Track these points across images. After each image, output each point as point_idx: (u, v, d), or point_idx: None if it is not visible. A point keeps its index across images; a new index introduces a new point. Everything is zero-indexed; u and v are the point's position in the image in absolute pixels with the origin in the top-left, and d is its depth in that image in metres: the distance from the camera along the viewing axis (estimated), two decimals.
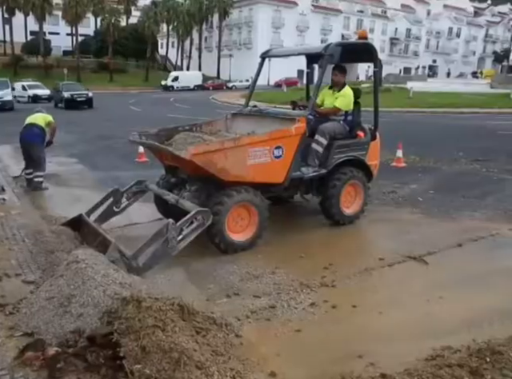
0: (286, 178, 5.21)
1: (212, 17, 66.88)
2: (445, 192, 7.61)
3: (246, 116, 6.18)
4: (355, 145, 5.81)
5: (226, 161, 4.70)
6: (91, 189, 7.83)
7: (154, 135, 5.55)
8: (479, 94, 31.11)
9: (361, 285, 4.31)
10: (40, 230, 5.06)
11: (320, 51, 5.41)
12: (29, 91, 31.83)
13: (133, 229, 5.89)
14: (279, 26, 66.75)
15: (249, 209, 4.99)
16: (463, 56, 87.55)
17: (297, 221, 6.27)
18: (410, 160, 10.24)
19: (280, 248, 5.16)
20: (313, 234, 5.59)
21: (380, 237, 5.89)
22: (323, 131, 5.47)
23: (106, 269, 3.71)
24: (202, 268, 4.63)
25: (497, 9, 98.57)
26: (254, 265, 4.63)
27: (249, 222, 5.05)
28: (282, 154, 5.05)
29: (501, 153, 11.21)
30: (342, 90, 5.75)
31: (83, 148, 12.16)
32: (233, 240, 4.92)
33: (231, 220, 4.90)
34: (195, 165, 4.60)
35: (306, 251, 5.03)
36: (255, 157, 4.86)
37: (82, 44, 61.80)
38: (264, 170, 4.96)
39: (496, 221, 6.14)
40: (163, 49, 72.51)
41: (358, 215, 6.00)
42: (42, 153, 7.65)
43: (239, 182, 4.89)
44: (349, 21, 74.25)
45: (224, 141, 4.85)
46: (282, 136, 5.04)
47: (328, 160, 5.55)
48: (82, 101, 27.48)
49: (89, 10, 59.57)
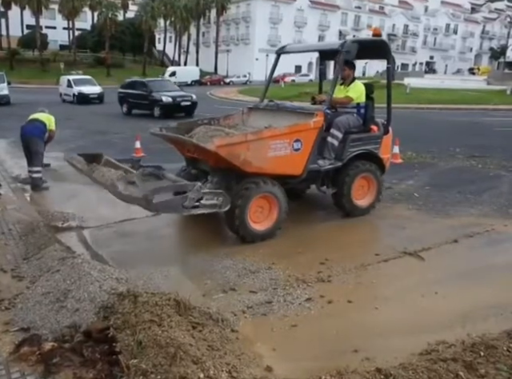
0: (304, 170, 5.37)
1: (210, 12, 66.66)
2: (441, 188, 7.63)
3: (262, 110, 6.35)
4: (369, 138, 5.96)
5: (249, 153, 4.84)
6: (88, 184, 7.80)
7: (174, 128, 5.74)
8: (476, 91, 31.18)
9: (357, 280, 4.33)
10: (36, 226, 5.05)
11: (337, 48, 5.55)
12: (75, 88, 26.30)
13: (130, 223, 5.89)
14: (277, 22, 66.57)
15: (270, 199, 5.16)
16: (460, 52, 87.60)
17: (293, 216, 6.26)
18: (407, 156, 10.26)
19: (277, 243, 5.18)
20: (309, 230, 5.60)
21: (376, 232, 5.93)
22: (338, 125, 5.60)
23: (102, 264, 3.72)
24: (199, 263, 4.64)
25: (493, 6, 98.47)
26: (251, 261, 4.64)
27: (269, 213, 5.21)
28: (300, 147, 5.20)
29: (497, 149, 11.25)
30: (353, 84, 5.93)
31: (81, 143, 12.11)
32: (254, 229, 5.08)
33: (253, 210, 5.05)
34: (219, 156, 4.72)
35: (303, 246, 5.05)
36: (276, 149, 5.02)
37: (79, 38, 61.57)
38: (284, 162, 5.11)
39: (491, 216, 6.17)
40: (160, 44, 72.28)
41: (370, 207, 6.17)
42: (40, 147, 7.53)
43: (260, 174, 5.04)
44: (346, 18, 74.11)
45: (247, 134, 4.99)
46: (301, 129, 5.21)
47: (343, 153, 5.71)
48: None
49: (86, 4, 59.35)
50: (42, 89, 39.62)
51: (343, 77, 6.03)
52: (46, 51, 59.34)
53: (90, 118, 18.83)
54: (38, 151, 7.48)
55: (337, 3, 73.17)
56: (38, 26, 57.17)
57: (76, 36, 59.83)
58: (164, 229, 5.85)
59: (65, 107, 23.16)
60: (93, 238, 5.35)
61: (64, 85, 27.46)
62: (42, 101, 19.70)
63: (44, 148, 7.75)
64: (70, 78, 27.64)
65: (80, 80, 27.92)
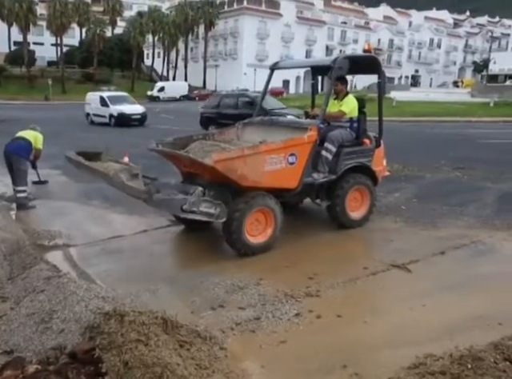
0: (299, 184, 5.45)
1: (198, 28, 67.23)
2: (427, 200, 7.71)
3: (256, 125, 6.43)
4: (362, 152, 6.08)
5: (245, 168, 4.92)
6: (74, 201, 7.77)
7: (170, 144, 5.80)
8: (460, 103, 31.73)
9: (345, 294, 4.33)
10: (21, 245, 4.98)
11: (329, 64, 5.69)
12: (112, 108, 21.73)
13: (117, 241, 5.85)
14: (264, 37, 67.26)
15: (266, 213, 5.21)
16: (444, 66, 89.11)
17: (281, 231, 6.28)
18: (394, 168, 10.33)
19: (265, 258, 5.18)
20: (297, 244, 5.61)
21: (364, 245, 5.95)
22: (332, 139, 5.71)
23: (88, 282, 3.68)
24: (187, 280, 4.61)
25: (475, 21, 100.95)
26: (239, 277, 4.62)
27: (265, 226, 5.28)
28: (295, 161, 5.31)
29: (481, 161, 11.42)
30: (346, 98, 6.05)
31: None
32: (250, 242, 5.12)
33: (249, 223, 5.09)
34: (216, 171, 4.78)
35: (291, 261, 5.05)
36: (272, 163, 5.12)
37: (67, 54, 61.53)
38: (279, 176, 5.20)
39: (477, 228, 6.24)
40: (149, 59, 72.52)
41: (364, 219, 6.25)
42: (23, 165, 7.35)
43: (256, 188, 5.10)
44: (333, 33, 75.13)
45: (244, 149, 5.07)
46: (295, 144, 5.31)
47: (337, 166, 5.80)
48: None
49: (74, 21, 59.42)
50: (30, 105, 39.47)
51: (336, 92, 6.14)
52: (33, 67, 59.18)
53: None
54: (21, 170, 7.31)
55: (323, 19, 74.25)
56: (26, 43, 57.13)
57: (64, 52, 59.78)
58: (152, 246, 5.81)
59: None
60: (80, 256, 5.30)
61: (94, 103, 22.96)
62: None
63: (33, 165, 7.66)
64: (104, 95, 23.21)
65: (116, 97, 23.50)
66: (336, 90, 6.11)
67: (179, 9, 65.84)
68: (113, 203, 7.52)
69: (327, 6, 79.14)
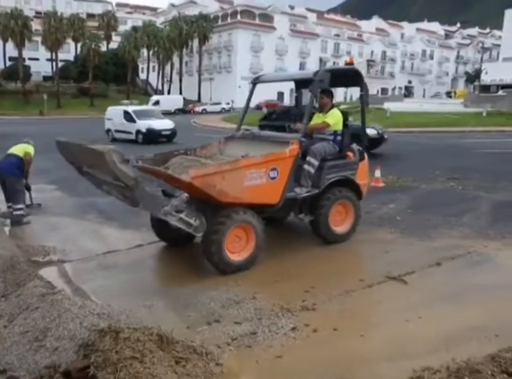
0: (281, 199, 5.35)
1: (192, 42, 67.73)
2: (423, 211, 7.73)
3: (239, 140, 6.37)
4: (345, 165, 6.02)
5: (224, 183, 4.83)
6: (69, 216, 7.75)
7: (150, 159, 5.70)
8: (453, 113, 31.96)
9: (341, 307, 4.32)
10: (16, 261, 4.95)
11: (310, 77, 5.64)
12: (140, 123, 19.85)
13: (113, 256, 5.82)
14: (258, 50, 67.82)
15: (246, 229, 5.12)
16: (437, 76, 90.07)
17: (276, 244, 6.27)
18: (388, 179, 10.39)
19: (261, 272, 5.16)
20: (293, 257, 5.59)
21: (360, 257, 5.95)
22: (314, 152, 5.66)
23: (83, 299, 3.66)
24: (183, 295, 4.58)
25: (466, 32, 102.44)
26: (235, 291, 4.61)
27: (246, 243, 5.17)
28: (276, 176, 5.22)
29: (475, 170, 11.48)
30: (330, 111, 6.01)
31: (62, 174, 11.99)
32: (231, 260, 5.02)
33: (229, 240, 5.00)
34: (194, 187, 4.71)
35: (287, 274, 5.04)
36: (252, 178, 5.02)
37: (62, 69, 61.73)
38: (260, 191, 5.11)
39: (472, 238, 6.25)
40: (144, 73, 72.84)
41: (349, 234, 6.16)
42: (17, 184, 7.31)
43: (236, 203, 5.01)
44: (326, 45, 75.89)
45: (222, 164, 4.99)
46: (277, 158, 5.23)
47: (320, 180, 5.74)
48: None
49: (69, 36, 59.80)
50: (26, 120, 39.46)
51: (321, 106, 6.13)
52: (28, 82, 59.32)
53: None
54: (16, 189, 7.26)
55: (316, 31, 75.04)
56: (21, 58, 57.34)
57: (59, 67, 59.98)
58: (147, 260, 5.80)
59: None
60: (75, 272, 5.27)
61: (117, 118, 20.83)
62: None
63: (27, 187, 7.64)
64: (130, 110, 20.97)
65: (143, 111, 21.60)
66: (321, 103, 6.09)
67: (173, 24, 66.42)
68: (107, 217, 7.51)
69: (320, 19, 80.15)
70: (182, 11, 73.40)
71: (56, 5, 79.28)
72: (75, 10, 73.76)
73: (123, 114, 20.72)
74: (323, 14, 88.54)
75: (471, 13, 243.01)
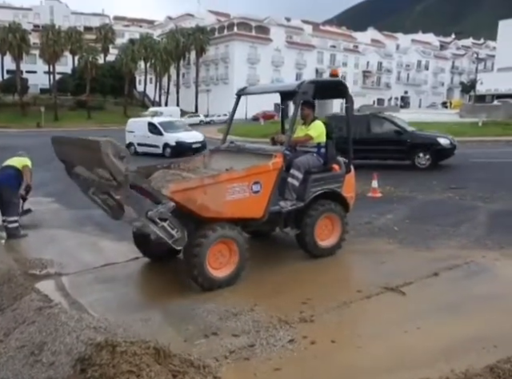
0: (265, 213, 5.24)
1: (189, 54, 68.27)
2: (420, 221, 7.74)
3: (223, 152, 6.27)
4: (331, 178, 5.93)
5: (206, 198, 4.73)
6: (66, 228, 7.73)
7: (133, 173, 5.54)
8: (449, 123, 32.12)
9: (339, 319, 4.30)
10: (12, 274, 4.93)
11: (294, 89, 5.57)
12: (168, 136, 18.72)
13: (110, 268, 5.81)
14: (255, 62, 68.33)
15: (228, 244, 5.00)
16: (433, 87, 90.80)
17: (272, 255, 6.26)
18: (386, 190, 10.42)
19: (258, 283, 5.15)
20: (290, 268, 5.58)
21: (357, 268, 5.93)
22: (298, 165, 5.58)
23: (80, 312, 3.64)
24: (180, 308, 4.56)
25: (461, 43, 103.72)
26: (233, 303, 4.59)
27: (229, 258, 5.05)
28: (260, 189, 5.11)
29: (472, 180, 11.51)
30: (313, 123, 5.96)
31: (60, 186, 12.00)
32: (214, 276, 4.90)
33: (211, 256, 4.89)
34: (175, 202, 4.60)
35: (284, 286, 5.03)
36: (234, 192, 4.92)
37: (60, 82, 62.03)
38: (243, 205, 5.00)
39: (470, 248, 6.25)
40: (141, 85, 73.23)
41: (336, 247, 6.03)
42: (14, 197, 7.25)
43: (219, 218, 4.91)
44: (322, 56, 76.52)
45: (203, 178, 4.89)
46: (259, 171, 5.12)
47: (305, 193, 5.63)
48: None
49: (66, 49, 60.21)
50: (23, 132, 39.53)
51: (303, 117, 6.09)
52: (26, 95, 59.53)
53: None
54: (12, 201, 7.20)
55: (312, 43, 75.73)
56: (19, 71, 57.61)
57: (57, 80, 60.27)
58: (145, 273, 5.79)
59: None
60: (72, 285, 5.25)
61: (141, 131, 19.60)
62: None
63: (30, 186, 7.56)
64: (156, 122, 19.77)
65: (170, 124, 20.26)
66: (303, 115, 6.06)
67: (170, 36, 66.98)
68: (105, 230, 7.49)
69: (316, 31, 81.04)
70: (179, 24, 74.18)
71: (54, 18, 79.99)
72: (73, 24, 74.35)
73: (147, 127, 19.57)
74: (319, 26, 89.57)
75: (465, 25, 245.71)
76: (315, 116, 6.11)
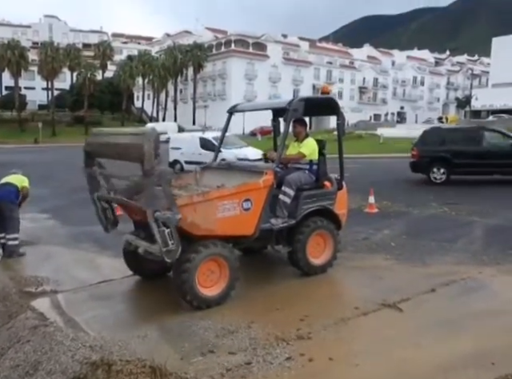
0: (256, 230, 5.19)
1: (187, 70, 68.81)
2: (417, 236, 7.75)
3: (215, 169, 6.26)
4: (323, 195, 5.90)
5: (196, 216, 4.68)
6: (63, 245, 7.71)
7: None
8: None
9: (337, 335, 4.28)
10: (7, 292, 4.90)
11: (284, 106, 5.57)
12: (226, 152, 14.66)
13: (106, 285, 5.77)
14: (252, 78, 68.94)
15: (218, 262, 4.93)
16: (428, 102, 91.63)
17: (269, 271, 6.26)
18: (382, 205, 10.45)
19: (255, 300, 5.12)
20: (287, 285, 5.57)
21: (354, 284, 5.90)
22: (289, 182, 5.56)
23: (75, 331, 3.62)
24: (177, 325, 4.53)
25: (455, 59, 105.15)
26: (229, 320, 4.56)
27: (220, 275, 4.98)
28: (250, 207, 5.06)
29: (468, 195, 11.58)
30: (305, 140, 5.98)
31: (56, 202, 12.00)
32: (205, 295, 4.83)
33: (201, 275, 4.81)
34: None
35: (281, 302, 4.99)
36: (224, 210, 4.87)
37: (58, 98, 62.41)
38: (234, 223, 4.96)
39: (466, 264, 6.26)
40: (139, 101, 73.70)
41: (328, 265, 5.98)
42: (14, 212, 7.13)
43: (209, 236, 4.86)
44: (319, 72, 77.27)
45: (193, 196, 4.82)
46: (250, 189, 5.09)
47: (297, 210, 5.60)
48: None
49: (65, 66, 60.71)
50: (20, 148, 39.57)
51: (295, 135, 6.11)
52: (24, 111, 59.81)
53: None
54: (13, 217, 7.08)
55: (309, 59, 76.56)
56: (17, 87, 57.97)
57: (55, 96, 60.65)
58: (141, 290, 5.75)
59: None
60: (67, 303, 5.21)
61: (192, 148, 17.38)
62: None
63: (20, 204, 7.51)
64: (210, 137, 17.19)
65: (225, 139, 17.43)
66: (295, 133, 6.07)
67: (168, 53, 67.66)
68: (101, 246, 7.47)
69: (312, 48, 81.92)
70: (177, 40, 74.91)
71: (53, 35, 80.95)
72: (71, 40, 75.08)
73: (199, 142, 17.29)
74: (315, 43, 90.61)
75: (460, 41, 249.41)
76: (307, 133, 6.13)
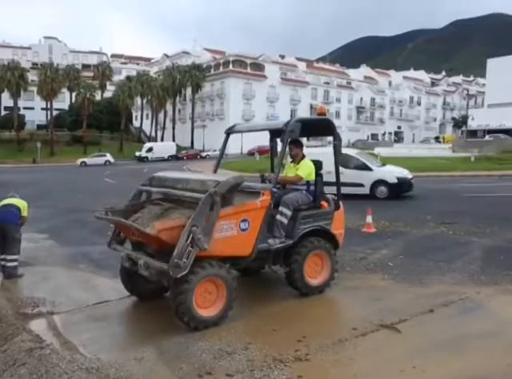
0: (253, 250, 5.18)
1: (185, 90, 69.56)
2: (414, 256, 7.75)
3: None
4: (320, 215, 5.92)
5: None
6: (60, 266, 7.68)
7: (121, 211, 5.53)
8: (442, 158, 32.62)
9: (335, 357, 4.25)
10: (3, 314, 4.87)
11: (281, 127, 5.63)
12: (378, 170, 15.31)
13: (103, 306, 5.74)
14: (250, 98, 69.62)
15: (216, 282, 4.91)
16: (425, 122, 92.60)
17: (267, 292, 6.23)
18: (380, 225, 10.46)
19: (252, 321, 5.10)
20: (284, 305, 5.54)
21: (352, 305, 5.87)
22: (287, 203, 5.57)
23: (72, 353, 3.59)
24: (174, 346, 4.50)
25: (451, 80, 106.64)
26: (227, 341, 4.54)
27: (217, 296, 4.95)
28: (248, 227, 5.06)
29: (466, 215, 11.60)
30: (302, 161, 6.02)
31: (54, 223, 12.00)
32: (202, 316, 4.80)
33: (198, 296, 4.79)
34: (161, 240, 4.57)
35: (279, 323, 4.97)
36: (222, 230, 4.86)
37: (57, 118, 62.85)
38: (231, 243, 4.95)
39: (464, 284, 6.25)
40: (137, 121, 74.28)
41: (325, 285, 5.96)
42: (17, 233, 7.10)
43: (206, 256, 4.83)
44: (316, 92, 78.18)
45: (190, 216, 4.80)
46: (247, 209, 5.08)
47: (294, 230, 5.60)
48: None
49: (64, 86, 61.36)
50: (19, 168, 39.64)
51: (292, 156, 6.13)
52: (23, 131, 60.15)
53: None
54: (15, 238, 7.04)
55: (306, 79, 77.50)
56: (16, 108, 58.40)
57: (54, 116, 61.06)
58: (138, 311, 5.72)
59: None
60: (64, 324, 5.16)
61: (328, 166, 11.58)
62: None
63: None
64: (354, 154, 15.82)
65: (367, 157, 16.77)
66: (291, 155, 6.10)
67: (167, 73, 68.51)
68: (99, 267, 7.45)
69: (310, 68, 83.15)
70: (176, 61, 76.00)
71: (53, 56, 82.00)
72: (71, 61, 76.17)
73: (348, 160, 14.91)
74: (313, 63, 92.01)
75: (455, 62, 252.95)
76: (304, 154, 6.14)
